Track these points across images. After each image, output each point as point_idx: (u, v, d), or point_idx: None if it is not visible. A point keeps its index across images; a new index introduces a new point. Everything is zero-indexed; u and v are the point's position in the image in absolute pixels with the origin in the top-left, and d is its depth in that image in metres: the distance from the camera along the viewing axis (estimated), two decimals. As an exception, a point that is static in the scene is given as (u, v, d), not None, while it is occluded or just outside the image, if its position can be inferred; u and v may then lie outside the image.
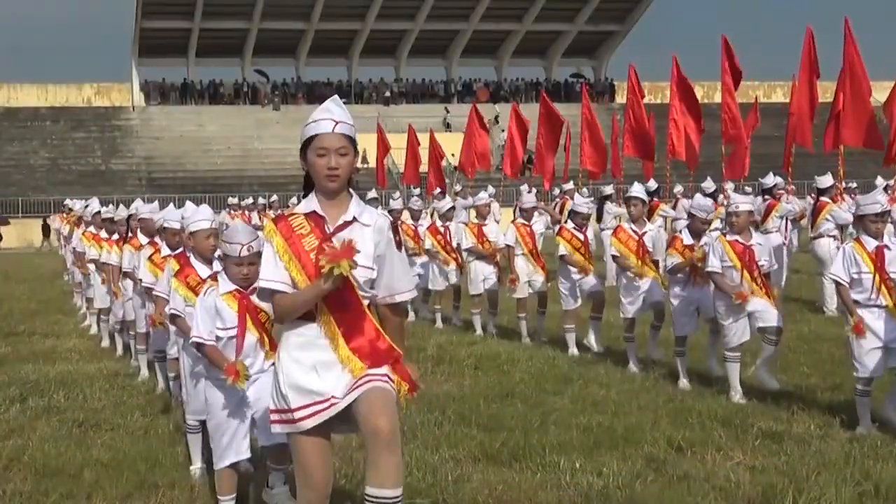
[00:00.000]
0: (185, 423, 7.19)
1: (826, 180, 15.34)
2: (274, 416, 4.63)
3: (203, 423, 6.70)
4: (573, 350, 11.84)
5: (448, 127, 43.38)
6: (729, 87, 19.93)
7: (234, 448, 5.98)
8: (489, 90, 65.09)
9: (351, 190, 4.66)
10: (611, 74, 68.14)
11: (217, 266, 6.70)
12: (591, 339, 11.81)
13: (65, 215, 22.35)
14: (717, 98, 22.54)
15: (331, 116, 4.57)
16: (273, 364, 4.79)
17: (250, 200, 32.81)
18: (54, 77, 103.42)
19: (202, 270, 6.86)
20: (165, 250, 8.60)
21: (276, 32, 63.35)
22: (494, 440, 7.64)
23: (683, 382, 9.79)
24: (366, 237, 4.56)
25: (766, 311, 9.14)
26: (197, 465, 7.03)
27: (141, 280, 9.46)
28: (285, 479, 6.11)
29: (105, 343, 13.41)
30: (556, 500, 6.36)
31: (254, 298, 5.81)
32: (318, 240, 4.53)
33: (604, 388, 9.71)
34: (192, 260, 7.01)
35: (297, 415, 4.52)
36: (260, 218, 27.21)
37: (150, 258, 9.21)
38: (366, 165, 43.01)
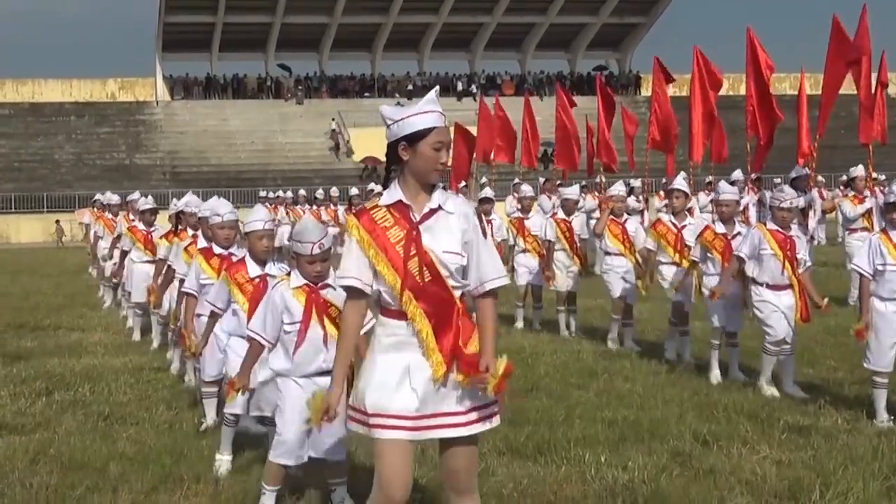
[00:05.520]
0: (223, 416, 7.16)
1: (855, 171, 15.17)
2: (350, 413, 4.56)
3: (237, 417, 6.94)
4: (613, 335, 11.79)
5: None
6: (755, 80, 19.69)
7: (297, 451, 5.87)
8: (514, 83, 64.87)
9: None
10: (635, 67, 68.00)
11: (270, 268, 6.75)
12: (629, 341, 11.78)
13: (94, 209, 22.28)
14: (742, 90, 22.32)
15: (439, 110, 4.50)
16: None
17: (269, 194, 32.47)
18: (78, 72, 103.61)
19: (253, 269, 6.85)
20: (202, 242, 8.48)
21: (299, 26, 63.49)
22: (519, 434, 7.61)
23: (715, 374, 9.69)
24: (451, 225, 4.50)
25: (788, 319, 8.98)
26: (224, 457, 7.01)
27: (175, 271, 9.51)
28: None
29: (136, 337, 13.43)
30: (581, 493, 6.33)
31: (324, 293, 5.81)
32: (405, 230, 4.47)
33: (629, 382, 9.67)
34: (247, 258, 6.98)
35: (372, 421, 4.43)
36: (287, 213, 26.78)
37: (185, 249, 9.23)
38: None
